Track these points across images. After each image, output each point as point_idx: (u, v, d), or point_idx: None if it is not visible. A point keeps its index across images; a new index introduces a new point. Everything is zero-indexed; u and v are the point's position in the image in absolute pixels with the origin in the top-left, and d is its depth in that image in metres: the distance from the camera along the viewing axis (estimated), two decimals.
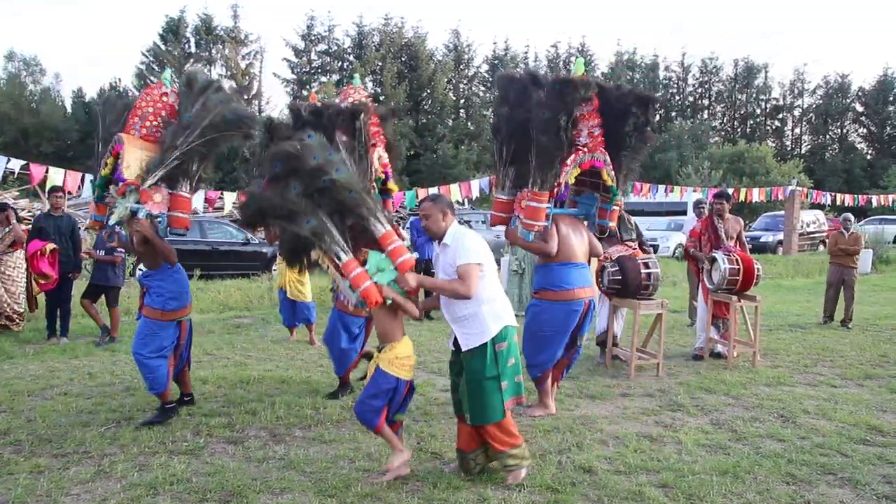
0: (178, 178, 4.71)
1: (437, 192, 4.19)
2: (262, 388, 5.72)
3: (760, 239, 21.46)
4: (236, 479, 3.75)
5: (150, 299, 4.79)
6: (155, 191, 4.54)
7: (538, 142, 4.57)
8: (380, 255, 3.68)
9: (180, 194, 4.73)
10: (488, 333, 3.64)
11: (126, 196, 4.46)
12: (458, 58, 45.92)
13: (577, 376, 6.18)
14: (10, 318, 7.97)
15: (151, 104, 4.78)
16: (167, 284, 4.78)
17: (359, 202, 3.68)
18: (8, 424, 4.66)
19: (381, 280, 3.64)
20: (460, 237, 3.70)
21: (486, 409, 3.65)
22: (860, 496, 3.66)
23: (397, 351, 3.73)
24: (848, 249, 9.32)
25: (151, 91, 4.88)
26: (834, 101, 47.61)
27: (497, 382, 3.65)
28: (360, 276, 3.61)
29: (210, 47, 42.24)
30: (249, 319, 9.45)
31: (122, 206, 4.46)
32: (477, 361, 3.66)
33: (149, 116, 4.72)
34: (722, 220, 7.12)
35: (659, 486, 3.74)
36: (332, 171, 3.64)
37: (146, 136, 4.71)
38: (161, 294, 4.74)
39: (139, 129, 4.71)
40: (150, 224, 4.58)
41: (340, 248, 3.64)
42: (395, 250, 3.68)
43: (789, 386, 5.91)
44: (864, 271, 16.16)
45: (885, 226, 23.37)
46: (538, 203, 4.68)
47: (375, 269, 3.65)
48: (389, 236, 3.71)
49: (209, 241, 14.13)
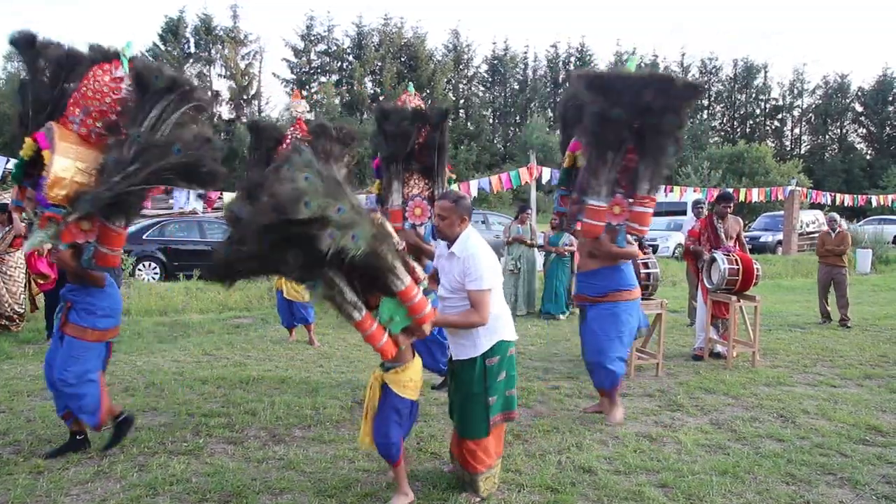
0: (114, 212, 3.84)
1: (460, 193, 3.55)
2: (262, 388, 5.71)
3: (760, 239, 21.46)
4: (236, 479, 3.75)
5: (76, 316, 4.02)
6: (84, 219, 3.74)
7: (657, 145, 4.44)
8: (392, 303, 3.22)
9: (113, 228, 3.90)
10: (479, 348, 3.50)
11: (46, 229, 3.67)
12: (457, 58, 45.99)
13: (577, 376, 6.18)
14: (10, 319, 7.97)
15: (99, 96, 3.81)
16: (97, 300, 4.07)
17: (376, 259, 3.03)
18: (7, 425, 4.65)
19: (395, 329, 3.25)
20: (474, 256, 3.41)
21: (469, 423, 3.54)
22: (860, 496, 3.66)
23: (410, 373, 3.45)
24: (834, 249, 9.35)
25: (101, 75, 3.84)
26: (833, 102, 47.69)
27: (483, 398, 3.51)
28: (376, 335, 3.17)
29: (209, 47, 42.27)
30: (249, 320, 9.45)
31: (38, 238, 3.70)
32: (466, 373, 3.55)
33: (93, 113, 3.82)
34: (722, 221, 7.13)
35: (658, 486, 3.74)
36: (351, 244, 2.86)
37: (85, 136, 3.84)
38: (91, 311, 4.03)
39: (78, 124, 3.83)
40: (70, 254, 3.85)
41: (353, 307, 3.09)
42: (416, 306, 3.21)
43: (789, 386, 5.91)
44: (863, 271, 16.19)
45: (884, 226, 23.36)
46: (648, 208, 4.63)
47: (388, 318, 3.23)
48: (410, 290, 3.17)
49: (209, 242, 14.11)
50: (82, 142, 3.82)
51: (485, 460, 3.56)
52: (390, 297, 3.18)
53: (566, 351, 7.43)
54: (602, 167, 4.54)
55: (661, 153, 4.50)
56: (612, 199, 4.62)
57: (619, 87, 4.52)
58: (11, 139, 4.10)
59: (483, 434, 3.53)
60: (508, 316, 3.68)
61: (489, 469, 3.59)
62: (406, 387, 3.42)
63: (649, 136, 4.45)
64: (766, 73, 49.02)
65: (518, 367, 6.52)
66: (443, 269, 3.62)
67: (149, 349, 7.29)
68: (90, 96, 3.83)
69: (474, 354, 3.50)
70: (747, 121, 49.84)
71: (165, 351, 7.23)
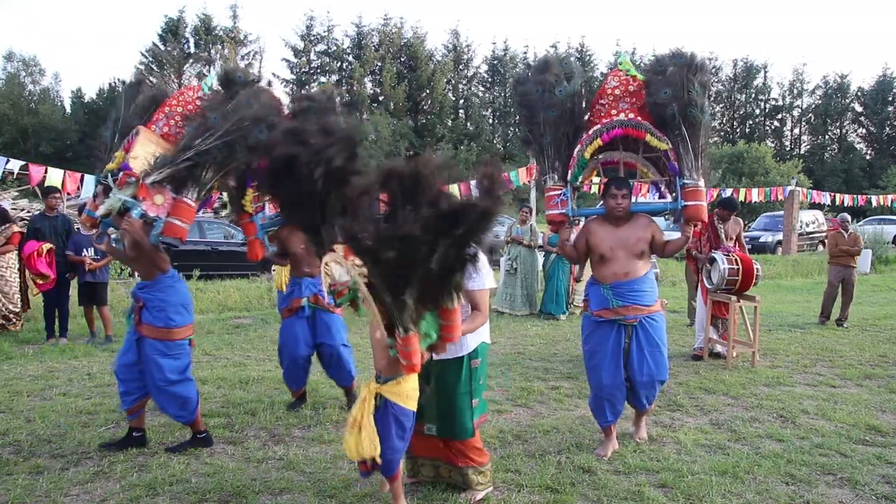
0: (187, 182, 4.05)
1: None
2: (262, 388, 5.72)
3: (759, 239, 21.47)
4: (235, 479, 3.75)
5: (150, 316, 4.11)
6: (157, 191, 3.93)
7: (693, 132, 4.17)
8: (433, 318, 3.11)
9: (184, 201, 4.05)
10: (466, 348, 3.48)
11: (124, 188, 3.86)
12: (457, 58, 45.99)
13: (576, 376, 6.18)
14: (6, 318, 7.97)
15: (182, 104, 4.29)
16: (167, 296, 4.17)
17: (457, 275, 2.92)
18: (7, 425, 4.65)
19: (424, 344, 3.12)
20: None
21: (455, 423, 3.52)
22: (859, 496, 3.66)
23: (411, 383, 3.34)
24: (850, 250, 9.30)
25: (186, 92, 4.42)
26: (833, 102, 47.70)
27: (469, 398, 3.51)
28: (416, 351, 3.02)
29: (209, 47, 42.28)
30: (249, 320, 9.45)
31: (116, 198, 3.86)
32: (451, 374, 3.51)
33: (175, 115, 4.24)
34: (722, 222, 7.14)
35: (658, 486, 3.74)
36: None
37: (166, 135, 4.20)
38: (162, 308, 4.13)
39: (162, 126, 4.22)
40: (141, 226, 3.93)
41: (410, 318, 2.94)
42: (454, 326, 3.12)
43: (788, 386, 5.91)
44: (863, 271, 16.17)
45: (884, 226, 23.37)
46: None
47: (424, 334, 3.10)
48: (458, 311, 3.12)
49: (208, 242, 14.12)
50: (163, 138, 4.19)
51: (472, 457, 3.56)
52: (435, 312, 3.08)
53: (566, 351, 7.43)
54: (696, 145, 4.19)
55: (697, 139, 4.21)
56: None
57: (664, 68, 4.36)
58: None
59: (470, 434, 3.54)
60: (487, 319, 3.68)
61: (482, 466, 3.59)
62: (409, 397, 3.31)
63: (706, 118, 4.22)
64: (765, 74, 49.06)
65: (518, 367, 6.59)
66: None
67: None
68: (174, 104, 4.30)
69: (461, 353, 3.48)
70: (747, 121, 49.83)
71: None
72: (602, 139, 4.21)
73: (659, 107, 4.24)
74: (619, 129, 4.20)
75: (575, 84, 4.40)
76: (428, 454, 3.67)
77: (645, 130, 4.17)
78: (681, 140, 4.18)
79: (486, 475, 3.61)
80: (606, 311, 4.19)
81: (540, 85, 4.36)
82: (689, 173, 4.19)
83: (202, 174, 4.09)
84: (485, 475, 3.60)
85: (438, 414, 3.55)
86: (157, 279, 4.17)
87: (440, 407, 3.54)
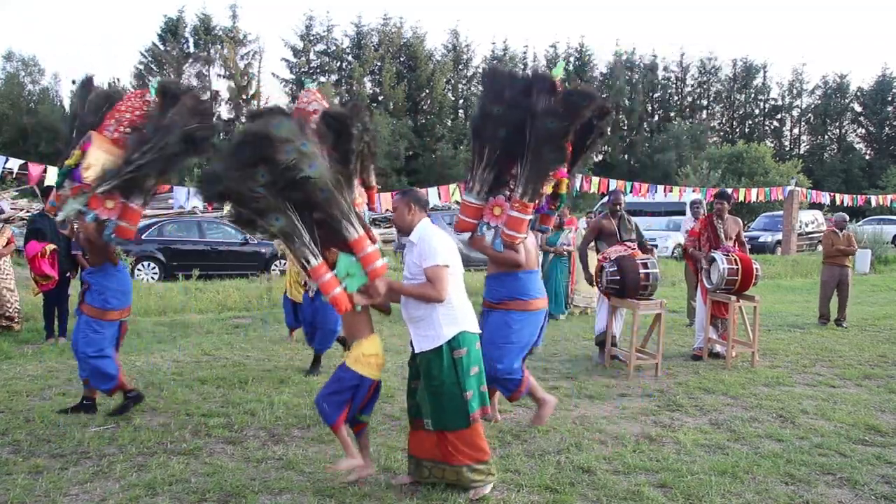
0: (133, 189, 4.69)
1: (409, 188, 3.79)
2: (261, 388, 5.71)
3: (759, 239, 21.48)
4: (235, 479, 3.75)
5: (90, 297, 4.81)
6: (108, 197, 4.54)
7: (538, 151, 4.19)
8: (349, 259, 3.51)
9: (131, 206, 4.71)
10: (441, 337, 3.51)
11: (76, 197, 4.47)
12: (456, 58, 45.93)
13: (575, 376, 6.18)
14: (10, 318, 7.97)
15: (130, 110, 4.77)
16: (108, 282, 4.82)
17: (332, 202, 3.46)
18: (6, 425, 4.65)
19: (351, 286, 3.49)
20: (427, 237, 3.57)
21: (446, 413, 3.52)
22: (859, 496, 3.66)
23: (363, 348, 3.61)
24: (846, 250, 9.29)
25: (134, 97, 4.89)
26: (832, 102, 47.69)
27: (459, 389, 3.50)
28: (330, 283, 3.48)
29: (208, 47, 42.22)
30: (248, 320, 9.45)
31: (70, 207, 4.48)
32: (433, 366, 3.53)
33: (123, 122, 4.72)
34: (721, 220, 7.13)
35: (658, 486, 3.74)
36: (306, 167, 3.37)
37: (116, 140, 4.68)
38: (102, 292, 4.79)
39: (112, 131, 4.70)
40: (94, 227, 4.62)
41: (310, 252, 3.47)
42: (367, 257, 3.53)
43: (788, 386, 5.91)
44: (862, 271, 16.19)
45: (883, 226, 23.39)
46: (524, 214, 4.32)
47: (345, 274, 3.49)
48: (362, 241, 3.54)
49: (207, 242, 14.11)
50: (113, 144, 4.66)
51: (468, 452, 3.54)
52: (346, 252, 3.51)
53: (566, 351, 7.43)
54: (479, 164, 4.34)
55: (541, 160, 4.20)
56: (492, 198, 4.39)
57: (503, 84, 4.36)
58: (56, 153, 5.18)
59: (463, 425, 3.52)
60: (470, 309, 3.71)
61: (478, 463, 3.56)
62: (358, 360, 3.60)
63: (530, 139, 4.18)
64: (765, 74, 49.04)
65: None
66: (406, 262, 3.75)
67: (148, 349, 7.29)
68: (123, 110, 4.77)
69: (438, 343, 3.52)
70: (746, 121, 49.83)
71: (164, 351, 7.22)
72: None
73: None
74: None
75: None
76: (426, 455, 3.66)
77: None
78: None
79: (481, 472, 3.58)
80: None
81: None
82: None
83: (146, 181, 4.74)
84: (480, 472, 3.57)
85: (431, 407, 3.56)
86: (102, 266, 4.87)
87: (431, 400, 3.56)
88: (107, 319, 4.80)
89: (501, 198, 4.38)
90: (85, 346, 4.73)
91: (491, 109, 4.31)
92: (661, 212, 21.94)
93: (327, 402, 3.57)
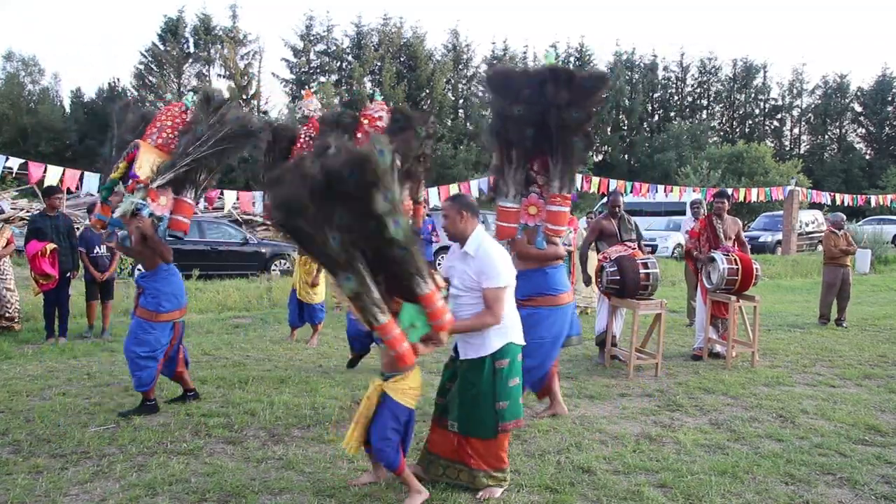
0: (185, 184, 5.02)
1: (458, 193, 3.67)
2: (261, 388, 5.71)
3: (759, 239, 21.47)
4: (235, 479, 3.75)
5: (144, 300, 4.86)
6: (161, 193, 4.78)
7: (567, 142, 4.24)
8: (414, 309, 3.25)
9: (184, 200, 5.04)
10: (489, 348, 3.51)
11: (134, 193, 4.66)
12: (456, 58, 45.89)
13: (575, 376, 6.18)
14: (10, 318, 7.97)
15: (171, 119, 5.03)
16: (162, 286, 4.88)
17: (409, 261, 3.15)
18: (6, 425, 4.65)
19: (413, 337, 3.26)
20: (488, 253, 3.46)
21: (476, 421, 3.53)
22: (859, 496, 3.66)
23: (409, 382, 3.44)
24: (847, 250, 9.27)
25: (172, 108, 5.15)
26: (832, 102, 47.64)
27: (492, 399, 3.50)
28: (398, 340, 3.20)
29: (208, 47, 42.21)
30: (248, 320, 9.45)
31: (129, 201, 4.63)
32: (473, 373, 3.53)
33: (166, 129, 4.96)
34: (721, 220, 7.13)
35: (658, 486, 3.74)
36: (391, 224, 3.04)
37: (161, 146, 4.92)
38: (156, 296, 4.85)
39: (155, 138, 4.93)
40: (151, 223, 4.75)
41: (378, 310, 3.15)
42: (437, 311, 3.26)
43: (788, 386, 5.91)
44: (862, 271, 16.19)
45: (883, 226, 23.39)
46: (564, 207, 4.38)
47: (409, 325, 3.24)
48: (433, 295, 3.25)
49: (208, 241, 14.12)
50: (159, 149, 4.91)
51: (489, 460, 3.56)
52: (412, 302, 3.22)
53: (566, 351, 7.38)
54: (508, 167, 4.40)
55: (570, 150, 4.29)
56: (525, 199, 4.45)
57: (518, 84, 4.41)
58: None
59: (491, 435, 3.54)
60: (518, 319, 3.67)
61: (496, 470, 3.58)
62: (405, 394, 3.44)
63: (555, 132, 4.25)
64: (765, 73, 49.00)
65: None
66: (454, 269, 3.62)
67: None
68: (164, 119, 5.04)
69: (483, 354, 3.52)
70: (746, 121, 49.78)
71: None
72: None
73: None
74: None
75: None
76: (442, 452, 3.68)
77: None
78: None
79: (496, 479, 3.60)
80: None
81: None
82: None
83: (197, 176, 5.06)
84: (495, 479, 3.60)
85: (461, 412, 3.57)
86: (156, 270, 4.90)
87: (462, 404, 3.56)
88: (158, 321, 4.84)
89: (534, 196, 4.44)
90: (135, 346, 4.79)
91: (511, 111, 4.33)
92: (661, 212, 21.95)
93: (389, 446, 3.38)
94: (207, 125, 4.90)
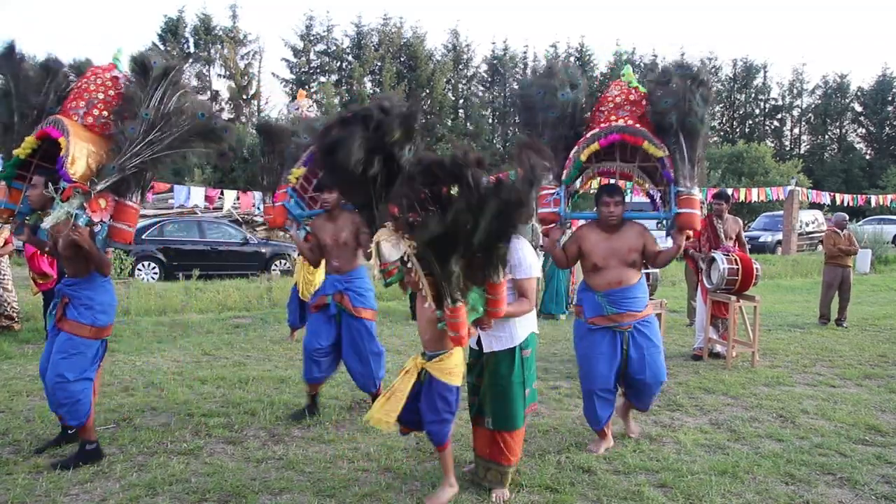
0: (129, 185, 4.02)
1: None
2: (261, 388, 5.71)
3: (759, 239, 21.49)
4: (235, 479, 3.75)
5: (76, 312, 3.94)
6: (100, 196, 3.86)
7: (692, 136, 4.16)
8: (477, 293, 3.25)
9: (128, 204, 4.06)
10: (516, 339, 3.60)
11: (71, 200, 3.77)
12: (456, 58, 45.91)
13: (575, 376, 6.16)
14: (10, 318, 7.98)
15: (101, 89, 4.08)
16: (98, 296, 4.01)
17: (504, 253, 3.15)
18: (7, 425, 4.65)
19: (471, 318, 3.26)
20: (518, 247, 3.50)
21: (510, 414, 3.58)
22: (859, 496, 3.66)
23: (455, 359, 3.45)
24: (849, 249, 9.27)
25: (100, 72, 4.17)
26: (833, 102, 47.64)
27: (521, 389, 3.61)
28: (464, 323, 3.15)
29: (209, 47, 42.21)
30: (248, 319, 9.45)
31: (63, 211, 3.77)
32: (504, 366, 3.60)
33: (97, 104, 4.04)
34: (721, 220, 7.14)
35: (658, 486, 3.74)
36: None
37: (91, 126, 4.01)
38: (90, 306, 3.97)
39: (83, 115, 4.01)
40: (88, 233, 3.82)
41: (458, 290, 3.10)
42: (500, 301, 3.24)
43: (788, 386, 5.91)
44: (862, 271, 16.19)
45: (883, 226, 23.40)
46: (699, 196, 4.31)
47: (471, 308, 3.24)
48: (504, 285, 3.25)
49: (208, 241, 14.12)
50: (87, 130, 3.99)
51: (517, 452, 3.65)
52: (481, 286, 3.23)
53: (566, 351, 7.42)
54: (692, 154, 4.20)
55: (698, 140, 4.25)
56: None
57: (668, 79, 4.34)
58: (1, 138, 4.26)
59: (521, 424, 3.63)
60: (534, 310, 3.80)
61: (515, 464, 3.66)
62: (452, 373, 3.43)
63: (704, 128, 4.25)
64: (765, 73, 48.99)
65: None
66: None
67: (148, 349, 7.29)
68: (93, 90, 4.08)
69: (512, 345, 3.60)
70: (747, 121, 49.75)
71: (165, 351, 7.23)
72: (600, 143, 4.17)
73: (659, 115, 4.24)
74: (616, 135, 4.16)
75: (578, 92, 4.47)
76: (483, 454, 3.70)
77: (642, 137, 4.13)
78: (678, 148, 4.18)
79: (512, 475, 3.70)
80: (601, 319, 4.23)
81: (543, 88, 4.44)
82: (683, 181, 4.19)
83: (144, 175, 4.10)
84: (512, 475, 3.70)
85: (492, 407, 3.61)
86: (89, 276, 4.01)
87: (493, 399, 3.61)
88: (93, 338, 3.99)
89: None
90: (66, 370, 3.86)
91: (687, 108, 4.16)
92: None
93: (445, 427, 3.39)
94: (155, 109, 3.93)
